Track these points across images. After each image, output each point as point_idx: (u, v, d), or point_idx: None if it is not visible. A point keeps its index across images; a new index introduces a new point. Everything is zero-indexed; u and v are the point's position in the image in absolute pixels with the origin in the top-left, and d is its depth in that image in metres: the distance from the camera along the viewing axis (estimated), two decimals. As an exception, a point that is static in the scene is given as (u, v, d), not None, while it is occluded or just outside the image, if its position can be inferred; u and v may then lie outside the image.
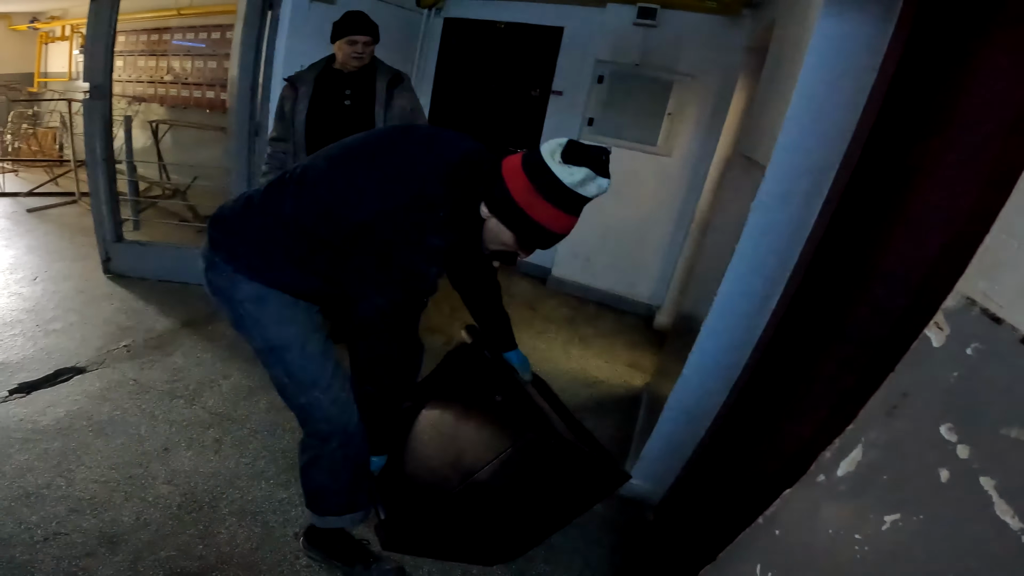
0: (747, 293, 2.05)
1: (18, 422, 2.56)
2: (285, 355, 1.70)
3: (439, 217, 1.47)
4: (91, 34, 3.76)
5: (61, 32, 8.35)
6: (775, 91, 2.26)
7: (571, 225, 1.45)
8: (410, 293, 1.52)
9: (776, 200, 1.93)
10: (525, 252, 1.55)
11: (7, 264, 4.19)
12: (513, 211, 1.44)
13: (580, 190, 1.37)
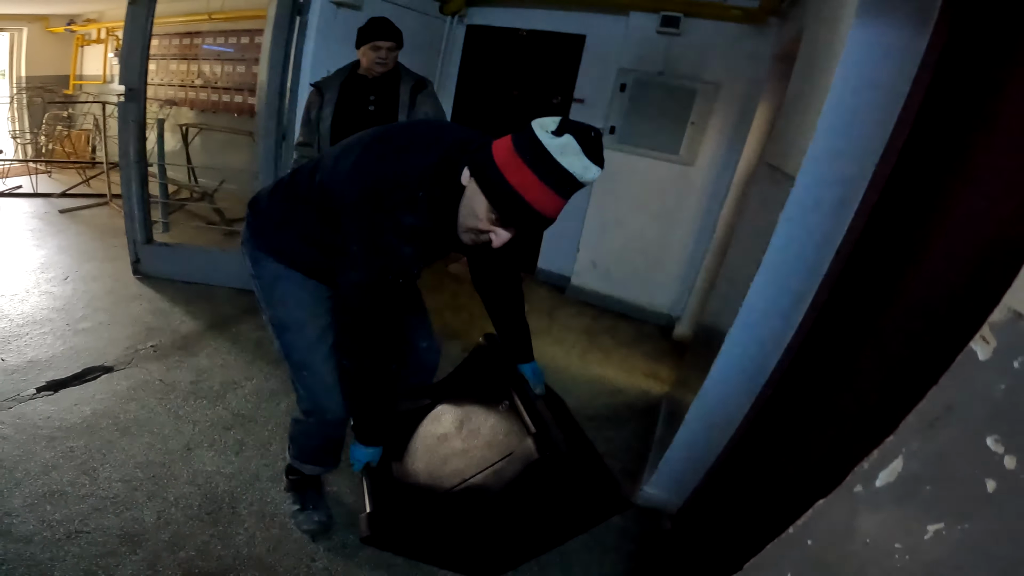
0: (773, 305, 2.02)
1: (45, 419, 2.60)
2: (284, 334, 1.88)
3: (417, 196, 1.46)
4: (127, 37, 3.83)
5: (97, 35, 8.46)
6: (804, 100, 2.23)
7: (547, 199, 1.31)
8: (383, 271, 1.50)
9: (805, 211, 1.89)
10: (497, 229, 1.41)
11: (39, 263, 4.29)
12: (490, 172, 1.35)
13: (560, 159, 1.27)
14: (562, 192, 1.31)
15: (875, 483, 0.90)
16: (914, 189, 1.64)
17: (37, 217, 5.51)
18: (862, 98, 1.74)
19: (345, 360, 1.68)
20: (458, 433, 1.79)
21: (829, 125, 1.80)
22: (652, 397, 3.64)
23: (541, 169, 1.28)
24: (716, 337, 2.43)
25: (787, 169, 2.14)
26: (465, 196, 1.43)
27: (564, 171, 1.28)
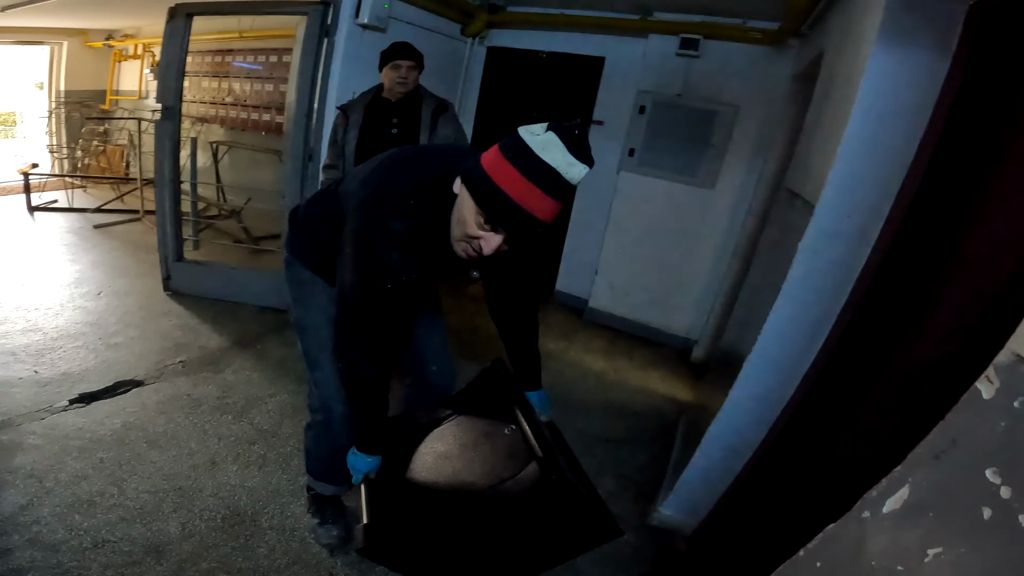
0: (792, 333, 2.03)
1: (77, 431, 2.69)
2: (303, 335, 2.03)
3: (407, 205, 1.50)
4: (165, 55, 3.96)
5: (134, 50, 8.57)
6: (824, 126, 2.25)
7: (532, 196, 1.29)
8: (371, 274, 1.53)
9: (825, 240, 1.91)
10: (486, 234, 1.39)
11: (73, 278, 4.43)
12: (478, 174, 1.35)
13: (542, 154, 1.26)
14: (547, 189, 1.28)
15: (882, 509, 0.94)
16: (934, 221, 1.65)
17: (72, 232, 5.68)
18: (883, 126, 1.75)
19: (340, 363, 1.72)
20: (462, 453, 1.78)
21: (849, 154, 1.82)
22: (669, 420, 3.64)
23: (523, 165, 1.28)
24: (735, 361, 2.45)
25: (806, 196, 2.16)
26: (456, 204, 1.44)
27: (547, 166, 1.26)
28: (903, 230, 1.73)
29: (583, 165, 1.27)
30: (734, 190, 4.37)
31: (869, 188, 1.80)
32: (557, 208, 1.33)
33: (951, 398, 1.33)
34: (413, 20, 4.15)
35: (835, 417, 1.87)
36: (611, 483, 2.93)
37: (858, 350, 1.84)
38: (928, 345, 1.59)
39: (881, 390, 1.73)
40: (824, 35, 2.86)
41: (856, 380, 1.82)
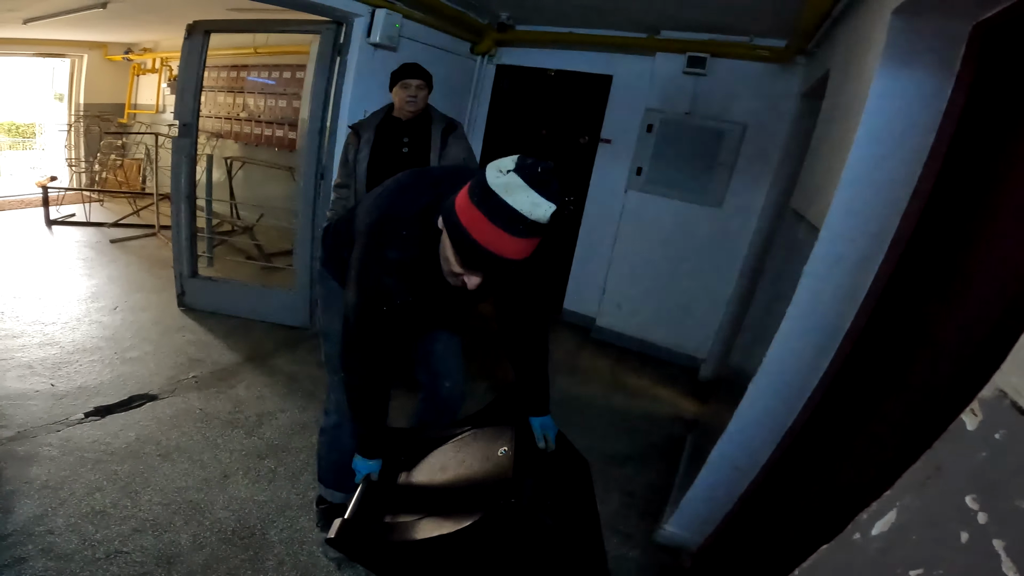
0: (797, 355, 2.04)
1: (91, 443, 2.75)
2: (327, 341, 2.15)
3: (401, 235, 1.56)
4: (182, 72, 4.05)
5: (152, 64, 8.63)
6: (829, 148, 2.26)
7: (498, 239, 1.29)
8: (370, 297, 1.62)
9: (829, 265, 1.92)
10: (467, 274, 1.42)
11: (90, 293, 4.52)
12: (451, 216, 1.36)
13: (506, 197, 1.25)
14: (513, 231, 1.27)
15: (871, 532, 0.97)
16: (938, 245, 1.65)
17: (89, 246, 5.79)
18: (887, 149, 1.76)
19: (343, 373, 1.84)
20: (455, 471, 1.79)
21: (853, 177, 1.83)
22: (676, 438, 3.65)
23: (488, 209, 1.27)
24: (741, 381, 2.45)
25: (811, 219, 2.18)
26: (441, 240, 1.46)
27: (511, 210, 1.25)
28: (907, 254, 1.75)
29: (549, 204, 1.25)
30: (741, 209, 4.36)
31: (874, 212, 1.81)
32: (529, 246, 1.33)
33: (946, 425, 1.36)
34: (423, 39, 4.22)
35: (838, 440, 1.88)
36: (617, 500, 2.94)
37: (861, 374, 1.85)
38: (928, 371, 1.60)
39: (883, 415, 1.73)
40: (830, 54, 2.87)
41: (859, 404, 1.83)
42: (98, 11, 5.22)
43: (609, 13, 4.03)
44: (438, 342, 2.27)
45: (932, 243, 1.67)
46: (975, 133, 1.58)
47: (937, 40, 1.65)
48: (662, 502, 2.91)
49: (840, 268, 1.91)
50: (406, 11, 3.81)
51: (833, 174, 1.97)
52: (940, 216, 1.66)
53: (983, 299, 1.47)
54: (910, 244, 1.74)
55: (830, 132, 2.36)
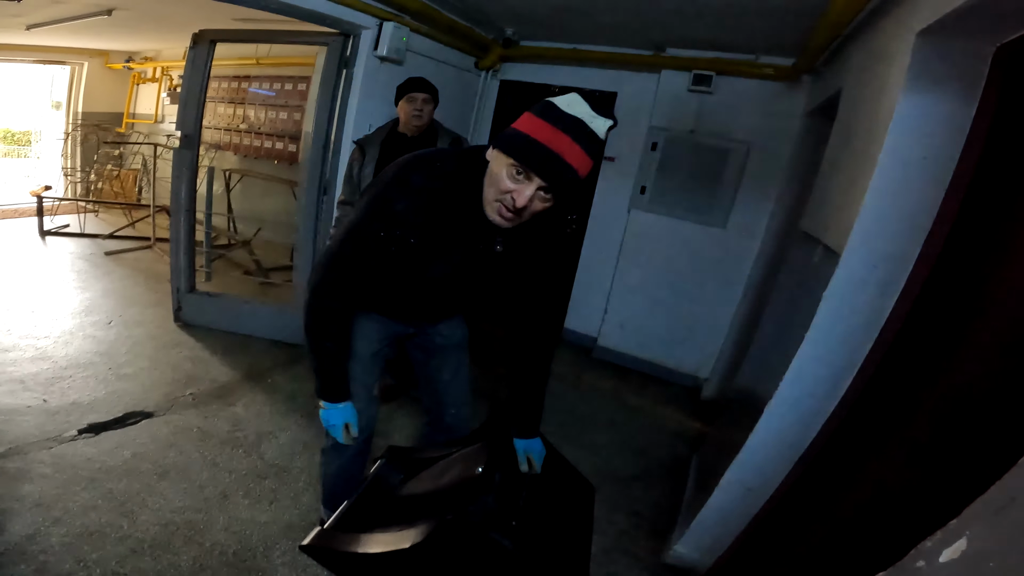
0: (815, 379, 2.00)
1: (86, 461, 2.68)
2: None
3: (435, 165, 1.58)
4: (186, 83, 4.00)
5: (152, 73, 8.46)
6: (845, 170, 2.24)
7: (560, 140, 1.36)
8: (373, 217, 1.58)
9: (850, 289, 1.88)
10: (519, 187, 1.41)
11: (84, 306, 4.43)
12: (509, 133, 1.43)
13: (567, 108, 1.37)
14: (575, 136, 1.36)
15: (939, 559, 0.95)
16: (963, 270, 1.63)
17: (83, 258, 5.70)
18: (910, 173, 1.74)
19: (310, 293, 1.70)
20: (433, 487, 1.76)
21: (876, 201, 1.80)
22: (681, 457, 3.61)
23: (551, 117, 1.37)
24: (753, 403, 2.43)
25: (829, 243, 2.15)
26: (488, 170, 1.49)
27: (573, 117, 1.36)
28: (930, 280, 1.72)
29: (605, 119, 1.37)
30: (745, 229, 4.34)
31: (895, 237, 1.78)
32: (586, 159, 1.39)
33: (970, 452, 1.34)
34: (429, 53, 4.20)
35: (856, 464, 1.86)
36: (624, 520, 2.90)
37: (881, 400, 1.83)
38: (950, 398, 1.57)
39: (900, 442, 1.71)
40: (841, 73, 2.86)
41: (877, 430, 1.80)
42: (103, 18, 5.18)
43: (615, 30, 4.04)
44: (445, 372, 2.19)
45: (957, 268, 1.65)
46: (1000, 157, 1.57)
47: (961, 62, 1.63)
48: (670, 522, 2.87)
49: (861, 293, 1.88)
50: (414, 25, 3.80)
51: (853, 198, 1.95)
52: (965, 242, 1.64)
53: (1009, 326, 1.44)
54: (934, 269, 1.71)
55: (846, 153, 2.34)
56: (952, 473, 1.52)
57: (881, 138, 1.78)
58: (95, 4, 4.80)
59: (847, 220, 1.92)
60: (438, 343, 2.14)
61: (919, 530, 1.50)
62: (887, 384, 1.82)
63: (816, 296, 1.99)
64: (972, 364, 1.52)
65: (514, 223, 1.49)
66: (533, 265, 1.79)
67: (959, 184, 1.65)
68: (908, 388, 1.72)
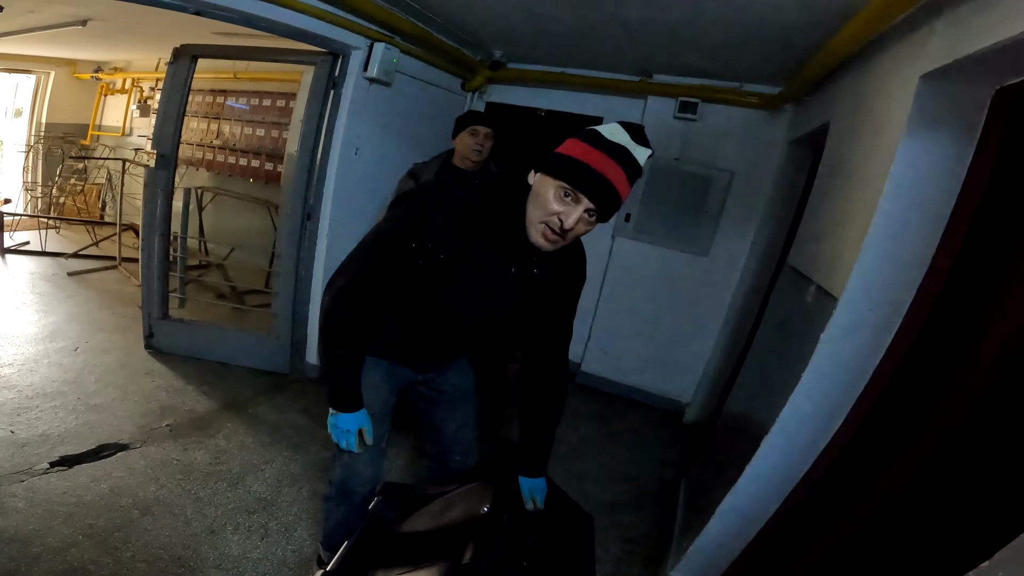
0: (811, 416, 2.01)
1: (61, 495, 2.56)
2: None
3: (473, 183, 1.59)
4: (164, 99, 3.86)
5: (121, 85, 8.17)
6: (840, 209, 2.26)
7: (605, 163, 1.41)
8: (405, 225, 1.55)
9: (847, 331, 1.89)
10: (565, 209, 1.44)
11: (48, 332, 4.23)
12: (555, 157, 1.46)
13: (609, 136, 1.42)
14: (619, 160, 1.40)
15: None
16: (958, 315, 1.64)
17: (45, 279, 5.45)
18: (911, 215, 1.74)
19: (326, 295, 1.66)
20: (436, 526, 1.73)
21: (876, 245, 1.79)
22: (667, 482, 3.61)
23: (596, 143, 1.42)
24: (746, 432, 2.45)
25: (823, 283, 2.17)
26: (532, 193, 1.51)
27: (616, 143, 1.41)
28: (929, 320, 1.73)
29: (645, 148, 1.43)
30: (727, 258, 4.37)
31: (893, 283, 1.79)
32: (627, 185, 1.44)
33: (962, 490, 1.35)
34: (417, 74, 4.16)
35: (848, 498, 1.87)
36: (617, 548, 2.88)
37: (875, 435, 1.85)
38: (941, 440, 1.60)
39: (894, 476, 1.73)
40: (829, 106, 2.90)
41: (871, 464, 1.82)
42: (77, 28, 5.03)
43: (602, 55, 4.05)
44: (452, 421, 2.14)
45: (953, 314, 1.66)
46: (1000, 201, 1.58)
47: (962, 105, 1.65)
48: (663, 548, 2.86)
49: (858, 335, 1.88)
50: (404, 46, 3.75)
51: (848, 240, 1.97)
52: (962, 287, 1.65)
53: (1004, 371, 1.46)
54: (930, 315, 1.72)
55: (838, 193, 2.36)
56: (946, 509, 1.55)
57: (881, 180, 1.78)
58: (70, 14, 4.66)
59: (844, 263, 1.93)
60: (447, 393, 2.10)
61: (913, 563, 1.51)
62: (882, 421, 1.84)
63: (810, 334, 2.01)
64: (964, 405, 1.55)
65: (557, 246, 1.51)
66: (562, 291, 1.78)
67: (957, 230, 1.65)
68: (903, 424, 1.74)
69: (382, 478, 2.04)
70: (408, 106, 4.21)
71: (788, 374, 2.11)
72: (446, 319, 1.76)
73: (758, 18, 2.71)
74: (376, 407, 1.90)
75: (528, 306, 1.78)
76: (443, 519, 1.72)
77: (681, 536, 2.77)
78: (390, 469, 3.17)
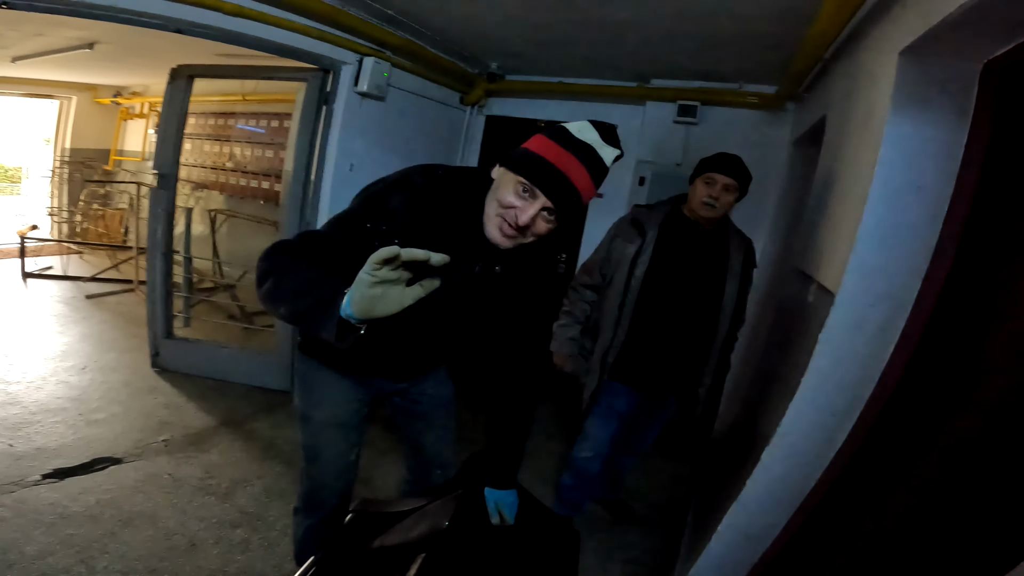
0: (813, 423, 1.88)
1: (47, 505, 2.57)
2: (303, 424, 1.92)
3: (436, 173, 1.51)
4: (164, 119, 3.91)
5: (140, 109, 8.27)
6: (834, 202, 2.16)
7: (568, 161, 1.34)
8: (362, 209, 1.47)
9: (847, 331, 1.76)
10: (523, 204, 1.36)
11: (60, 351, 4.29)
12: (518, 152, 1.42)
13: (577, 134, 1.37)
14: (582, 159, 1.35)
15: None
16: (966, 307, 1.53)
17: (63, 302, 5.56)
18: (904, 203, 1.63)
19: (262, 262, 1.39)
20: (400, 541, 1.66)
21: (869, 235, 1.68)
22: (677, 497, 3.50)
23: (562, 139, 1.37)
24: (748, 445, 2.35)
25: (821, 280, 2.06)
26: (492, 187, 1.45)
27: (581, 141, 1.36)
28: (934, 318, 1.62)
29: (613, 148, 1.38)
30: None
31: (893, 274, 1.67)
32: (590, 184, 1.38)
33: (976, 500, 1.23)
34: (412, 89, 4.17)
35: (856, 514, 1.76)
36: (618, 569, 2.78)
37: (883, 446, 1.72)
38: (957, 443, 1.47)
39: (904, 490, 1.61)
40: (825, 99, 2.82)
41: (880, 477, 1.71)
42: (85, 51, 5.14)
43: (599, 62, 4.02)
44: (431, 435, 2.08)
45: (960, 308, 1.55)
46: (999, 179, 1.48)
47: (948, 81, 1.55)
48: (668, 568, 2.75)
49: (859, 334, 1.75)
50: (394, 60, 3.76)
51: (844, 232, 1.86)
52: (968, 278, 1.54)
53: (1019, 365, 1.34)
54: (936, 310, 1.61)
55: (834, 184, 2.26)
56: (957, 521, 1.44)
57: (870, 166, 1.68)
58: (76, 37, 4.76)
59: (840, 256, 1.82)
60: (423, 404, 2.03)
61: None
62: (890, 430, 1.71)
63: (811, 336, 1.89)
64: (978, 411, 1.42)
65: (514, 243, 1.44)
66: (526, 295, 1.71)
67: (956, 214, 1.55)
68: (912, 434, 1.62)
69: (350, 493, 1.99)
70: (404, 121, 4.22)
71: (790, 378, 2.02)
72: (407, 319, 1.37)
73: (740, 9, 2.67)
74: (345, 417, 1.85)
75: (493, 307, 1.70)
76: (410, 534, 1.66)
77: (687, 554, 2.67)
78: (382, 487, 3.14)
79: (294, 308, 1.24)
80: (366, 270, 1.07)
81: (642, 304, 2.50)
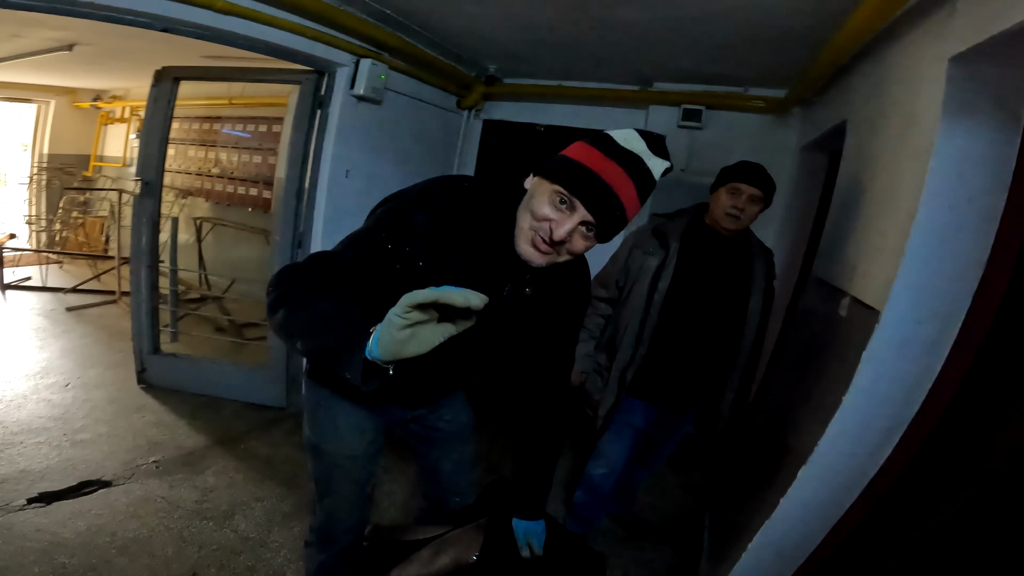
0: (854, 441, 1.79)
1: (35, 532, 2.47)
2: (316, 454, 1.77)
3: (463, 186, 1.38)
4: (147, 124, 3.77)
5: (120, 113, 8.05)
6: (869, 213, 2.08)
7: (615, 174, 1.22)
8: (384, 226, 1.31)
9: (892, 348, 1.67)
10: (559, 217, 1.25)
11: (40, 367, 4.12)
12: (556, 159, 1.30)
13: (623, 143, 1.25)
14: (628, 169, 1.23)
15: None
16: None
17: (43, 314, 5.37)
18: (956, 216, 1.54)
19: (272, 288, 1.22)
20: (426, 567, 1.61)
21: (921, 250, 1.59)
22: (689, 508, 3.45)
23: (606, 148, 1.25)
24: (778, 460, 2.26)
25: (858, 295, 1.98)
26: (525, 198, 1.34)
27: (628, 150, 1.24)
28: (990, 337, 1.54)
29: (662, 161, 1.26)
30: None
31: (942, 292, 1.59)
32: (636, 199, 1.25)
33: None
34: (409, 92, 4.06)
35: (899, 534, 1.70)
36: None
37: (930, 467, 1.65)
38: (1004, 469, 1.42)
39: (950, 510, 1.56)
40: (844, 104, 2.76)
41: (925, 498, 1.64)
42: (64, 53, 4.98)
43: (601, 64, 3.92)
44: (449, 460, 1.97)
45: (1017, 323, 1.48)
46: None
47: (1000, 89, 1.48)
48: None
49: (905, 352, 1.67)
50: (392, 62, 3.65)
51: (886, 245, 1.78)
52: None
53: None
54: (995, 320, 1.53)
55: (863, 193, 2.19)
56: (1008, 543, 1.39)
57: (919, 177, 1.59)
58: (55, 39, 4.60)
59: (883, 271, 1.74)
60: (441, 431, 1.91)
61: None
62: (936, 450, 1.64)
63: (846, 352, 1.82)
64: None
65: (548, 260, 1.31)
66: (556, 320, 1.59)
67: (1014, 222, 1.47)
68: (960, 455, 1.56)
69: (368, 523, 1.86)
70: (401, 125, 4.11)
71: (826, 394, 1.93)
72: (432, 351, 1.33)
73: (758, 13, 2.58)
74: (360, 449, 1.73)
75: (522, 331, 1.58)
76: (432, 567, 1.59)
77: (709, 573, 2.59)
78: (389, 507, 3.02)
79: (313, 345, 1.12)
80: (397, 312, 0.97)
81: (665, 319, 2.39)
